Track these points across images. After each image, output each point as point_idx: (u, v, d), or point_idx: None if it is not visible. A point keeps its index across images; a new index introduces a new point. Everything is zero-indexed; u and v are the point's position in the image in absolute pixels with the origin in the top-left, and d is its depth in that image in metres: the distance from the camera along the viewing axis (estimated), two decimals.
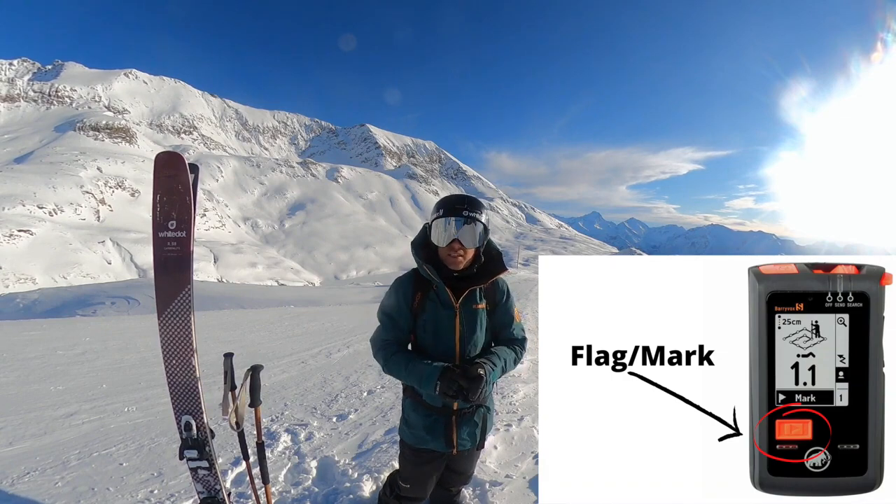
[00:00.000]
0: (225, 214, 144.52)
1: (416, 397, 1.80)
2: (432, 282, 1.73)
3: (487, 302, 1.81)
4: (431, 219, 1.73)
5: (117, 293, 18.93)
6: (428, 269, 1.70)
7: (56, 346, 6.19)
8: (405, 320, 1.76)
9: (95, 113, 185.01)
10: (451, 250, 1.68)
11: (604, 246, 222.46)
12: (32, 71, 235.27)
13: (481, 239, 1.71)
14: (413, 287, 1.76)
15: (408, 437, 1.85)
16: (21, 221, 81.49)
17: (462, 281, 1.74)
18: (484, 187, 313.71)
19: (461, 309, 1.74)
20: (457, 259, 1.69)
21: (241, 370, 1.82)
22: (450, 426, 1.76)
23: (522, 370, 4.89)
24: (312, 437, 3.10)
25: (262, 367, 1.88)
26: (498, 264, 1.80)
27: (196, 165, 1.66)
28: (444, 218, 1.66)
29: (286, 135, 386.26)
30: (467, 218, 1.65)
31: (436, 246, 1.72)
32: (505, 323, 1.86)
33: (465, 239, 1.66)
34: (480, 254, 1.78)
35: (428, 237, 1.76)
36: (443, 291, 1.72)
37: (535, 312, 10.91)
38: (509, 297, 1.88)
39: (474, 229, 1.67)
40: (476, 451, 1.94)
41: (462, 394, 1.55)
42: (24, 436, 3.11)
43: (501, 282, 1.86)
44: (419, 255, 1.76)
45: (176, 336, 1.62)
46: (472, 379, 1.56)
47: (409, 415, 1.84)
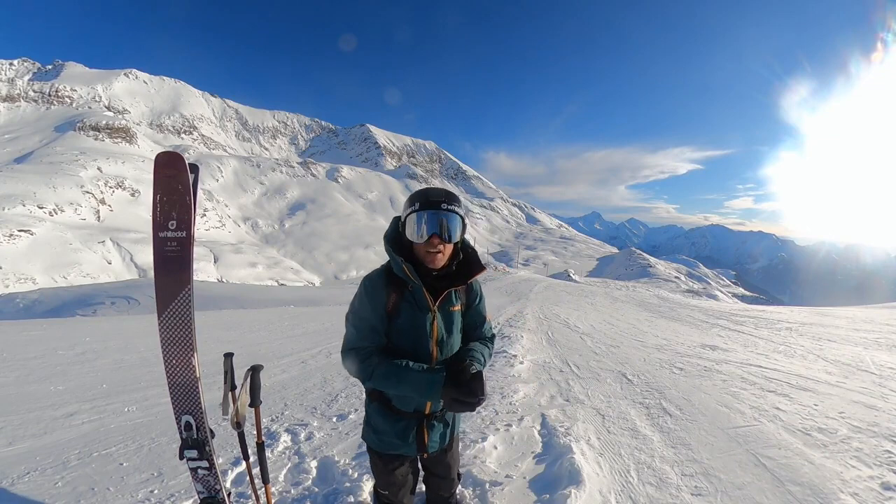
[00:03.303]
0: (225, 214, 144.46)
1: (384, 402, 1.71)
2: (408, 282, 1.61)
3: (462, 303, 1.74)
4: (405, 213, 1.60)
5: (117, 293, 18.95)
6: (407, 268, 1.58)
7: (56, 346, 6.18)
8: (381, 323, 1.62)
9: (95, 113, 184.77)
10: (430, 246, 1.56)
11: (604, 246, 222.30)
12: (32, 71, 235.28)
13: (460, 232, 1.61)
14: (387, 288, 1.62)
15: (375, 443, 1.76)
16: (21, 221, 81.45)
17: (441, 281, 1.64)
18: (484, 187, 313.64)
19: (438, 311, 1.65)
20: (436, 256, 1.58)
21: (241, 370, 1.82)
22: (421, 430, 1.71)
23: (523, 370, 4.89)
24: (312, 437, 3.09)
25: (262, 367, 1.88)
26: (476, 263, 1.71)
27: (196, 165, 1.65)
28: (421, 212, 1.54)
29: (286, 135, 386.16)
30: (446, 211, 1.55)
31: (410, 242, 1.60)
32: (477, 323, 1.80)
33: (444, 233, 1.55)
34: (459, 250, 1.70)
35: (400, 233, 1.64)
36: (419, 293, 1.61)
37: (535, 313, 10.90)
38: (482, 298, 1.82)
39: (454, 223, 1.57)
40: (452, 453, 1.90)
41: (469, 400, 1.47)
42: (24, 436, 3.11)
43: (475, 282, 1.78)
44: (396, 251, 1.62)
45: (176, 336, 1.61)
46: (472, 379, 1.50)
47: (375, 421, 1.74)
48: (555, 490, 2.30)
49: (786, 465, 2.55)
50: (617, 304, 14.65)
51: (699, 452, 2.76)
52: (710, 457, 2.69)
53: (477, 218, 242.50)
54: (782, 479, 2.39)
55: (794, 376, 4.46)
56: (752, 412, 3.43)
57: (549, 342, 6.74)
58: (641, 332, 8.07)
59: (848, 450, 2.73)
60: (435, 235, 1.55)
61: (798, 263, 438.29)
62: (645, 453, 2.77)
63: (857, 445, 2.78)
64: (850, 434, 2.95)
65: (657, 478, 2.46)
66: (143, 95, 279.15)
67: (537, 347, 6.29)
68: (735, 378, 4.45)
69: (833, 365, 4.98)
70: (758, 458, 2.65)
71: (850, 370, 4.72)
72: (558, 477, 2.44)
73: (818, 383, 4.19)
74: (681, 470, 2.54)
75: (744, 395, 3.87)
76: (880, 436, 2.91)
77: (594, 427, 3.23)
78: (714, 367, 4.98)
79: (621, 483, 2.42)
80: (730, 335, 7.53)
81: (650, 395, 3.96)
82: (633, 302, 15.47)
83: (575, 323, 9.10)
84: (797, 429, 3.07)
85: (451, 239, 1.58)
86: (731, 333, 7.73)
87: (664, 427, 3.21)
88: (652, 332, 8.09)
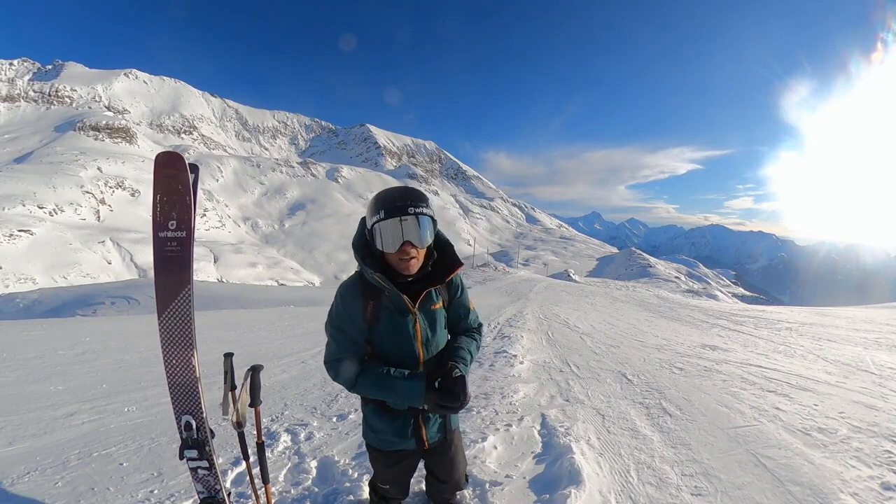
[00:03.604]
0: (225, 214, 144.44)
1: (378, 403, 1.69)
2: (384, 289, 1.56)
3: (443, 299, 1.70)
4: (371, 222, 1.51)
5: (117, 293, 18.94)
6: (378, 277, 1.52)
7: (56, 346, 6.18)
8: (360, 333, 1.60)
9: (95, 113, 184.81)
10: (402, 254, 1.49)
11: (604, 246, 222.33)
12: (32, 71, 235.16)
13: (432, 233, 1.55)
14: (363, 296, 1.57)
15: (376, 441, 1.76)
16: (21, 221, 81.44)
17: (417, 283, 1.59)
18: (484, 187, 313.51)
19: (419, 312, 1.61)
20: (410, 263, 1.52)
21: (241, 370, 1.82)
22: (418, 425, 1.71)
23: (523, 370, 4.89)
24: (312, 437, 3.09)
25: (262, 367, 1.88)
26: (453, 259, 1.65)
27: (196, 165, 1.65)
28: (389, 219, 1.46)
29: (286, 135, 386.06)
30: (415, 214, 1.46)
31: (381, 250, 1.53)
32: (462, 315, 1.77)
33: (416, 239, 1.48)
34: (432, 249, 1.64)
35: (368, 238, 1.58)
36: (397, 298, 1.56)
37: (535, 313, 10.90)
38: (464, 289, 1.77)
39: (425, 225, 1.50)
40: (456, 453, 1.88)
41: (452, 405, 1.48)
42: (24, 436, 3.11)
43: (455, 276, 1.70)
44: (365, 261, 1.55)
45: (176, 336, 1.61)
46: (454, 383, 1.49)
47: (373, 421, 1.74)
48: (555, 490, 2.30)
49: (786, 465, 2.55)
50: (617, 304, 14.64)
51: (699, 452, 2.76)
52: (710, 457, 2.69)
53: (477, 218, 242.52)
54: (782, 479, 2.39)
55: (794, 376, 4.46)
56: (752, 412, 3.43)
57: (549, 342, 6.74)
58: (641, 332, 8.07)
59: (848, 450, 2.73)
60: (407, 244, 1.48)
61: (798, 263, 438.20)
62: (645, 453, 2.77)
63: (857, 445, 2.78)
64: (850, 434, 2.95)
65: (657, 478, 2.46)
66: (143, 95, 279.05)
67: (537, 347, 6.29)
68: (735, 378, 4.45)
69: (833, 365, 4.98)
70: (758, 458, 2.65)
71: (850, 370, 4.72)
72: (558, 477, 2.44)
73: (818, 383, 4.19)
74: (681, 470, 2.54)
75: (744, 395, 3.87)
76: (880, 436, 2.91)
77: (594, 427, 3.22)
78: (714, 367, 4.98)
79: (621, 483, 2.42)
80: (730, 335, 7.53)
81: (650, 395, 3.96)
82: (632, 302, 15.46)
83: (575, 323, 9.10)
84: (797, 429, 3.07)
85: (424, 244, 1.53)
86: (731, 333, 7.73)
87: (664, 427, 3.20)
88: (652, 332, 8.09)
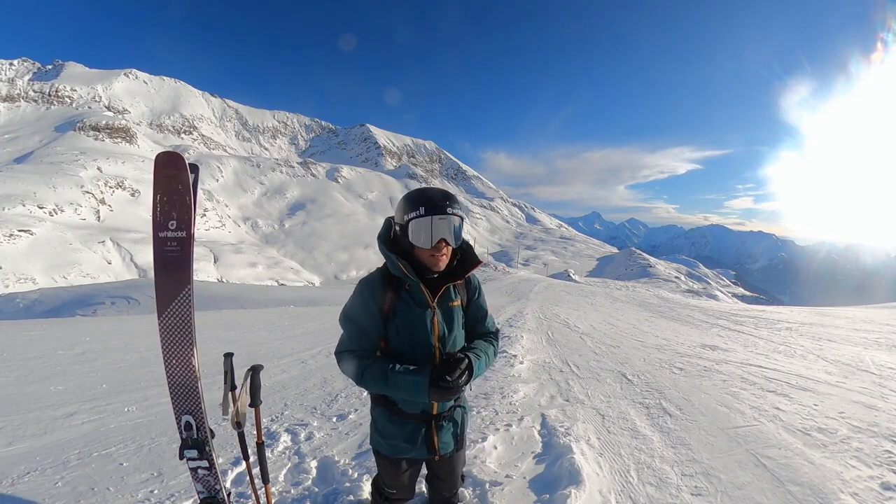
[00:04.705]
0: (225, 214, 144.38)
1: (389, 406, 1.69)
2: (405, 281, 1.60)
3: (461, 298, 1.73)
4: (408, 217, 1.55)
5: (117, 293, 18.94)
6: (404, 265, 1.57)
7: (56, 346, 6.19)
8: (374, 326, 1.62)
9: (95, 113, 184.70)
10: (436, 251, 1.56)
11: (604, 246, 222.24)
12: (32, 71, 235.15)
13: (463, 234, 1.63)
14: (383, 289, 1.61)
15: (385, 448, 1.73)
16: (21, 221, 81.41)
17: (438, 279, 1.64)
18: (484, 187, 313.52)
19: (438, 308, 1.64)
20: (441, 259, 1.58)
21: (242, 370, 1.82)
22: (430, 432, 1.69)
23: (523, 370, 4.89)
24: (312, 437, 3.09)
25: (262, 367, 1.88)
26: (473, 257, 1.70)
27: (196, 165, 1.65)
28: (427, 216, 1.52)
29: (286, 135, 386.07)
30: (452, 214, 1.54)
31: (408, 244, 1.58)
32: (479, 317, 1.79)
33: (451, 238, 1.55)
34: (455, 248, 1.68)
35: (394, 234, 1.63)
36: (418, 290, 1.61)
37: (535, 313, 10.90)
38: (481, 291, 1.82)
39: (459, 225, 1.57)
40: (458, 455, 1.87)
41: (455, 388, 1.48)
42: (24, 436, 3.11)
43: (473, 276, 1.77)
44: (392, 250, 1.61)
45: (176, 336, 1.61)
46: (454, 364, 1.50)
47: (383, 425, 1.72)
48: (555, 490, 2.30)
49: (786, 465, 2.55)
50: (617, 304, 14.64)
51: (699, 452, 2.76)
52: (710, 457, 2.69)
53: (477, 218, 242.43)
54: (782, 479, 2.39)
55: (794, 376, 4.46)
56: (752, 412, 3.43)
57: (549, 342, 6.74)
58: (641, 332, 8.07)
59: (848, 450, 2.73)
60: (442, 241, 1.54)
61: (798, 263, 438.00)
62: (645, 453, 2.77)
63: (856, 445, 2.78)
64: (850, 434, 2.95)
65: (657, 478, 2.46)
66: (143, 95, 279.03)
67: (537, 347, 6.29)
68: (735, 378, 4.45)
69: (833, 365, 4.98)
70: (758, 458, 2.65)
71: (850, 370, 4.72)
72: (558, 477, 2.44)
73: (818, 383, 4.19)
74: (681, 470, 2.54)
75: (744, 395, 3.87)
76: (880, 436, 2.91)
77: (594, 427, 3.23)
78: (714, 367, 4.98)
79: (621, 483, 2.42)
80: (730, 335, 7.53)
81: (650, 395, 3.96)
82: (632, 302, 15.46)
83: (575, 323, 9.10)
84: (797, 429, 3.07)
85: (457, 243, 1.60)
86: (731, 333, 7.73)
87: (664, 427, 3.21)
88: (652, 332, 8.09)
